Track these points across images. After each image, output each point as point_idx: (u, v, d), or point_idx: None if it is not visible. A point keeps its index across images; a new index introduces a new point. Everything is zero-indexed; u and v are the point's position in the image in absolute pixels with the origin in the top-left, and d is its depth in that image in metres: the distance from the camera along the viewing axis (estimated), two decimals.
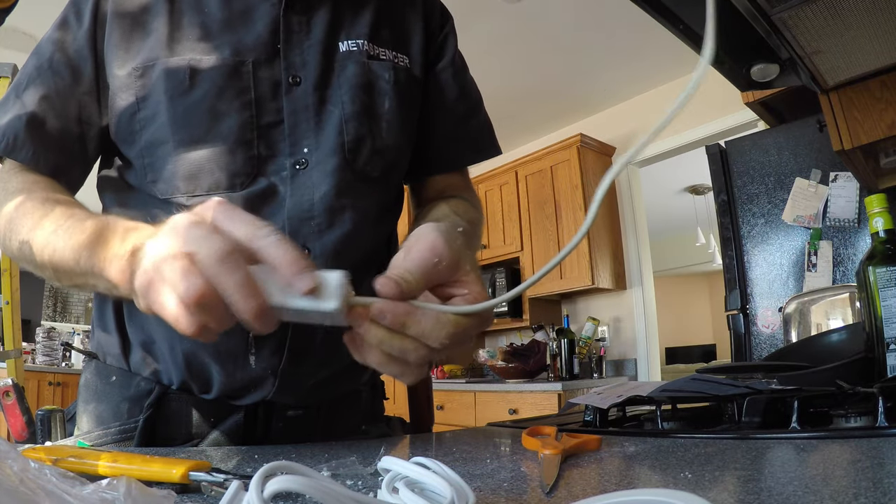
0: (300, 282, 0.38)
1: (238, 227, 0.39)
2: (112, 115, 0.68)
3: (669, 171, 4.78)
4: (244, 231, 0.39)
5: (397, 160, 0.76)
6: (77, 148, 0.68)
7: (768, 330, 1.98)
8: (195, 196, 0.64)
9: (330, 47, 0.70)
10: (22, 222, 0.59)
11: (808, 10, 0.89)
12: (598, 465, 0.48)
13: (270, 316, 0.39)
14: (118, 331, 0.69)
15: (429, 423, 0.95)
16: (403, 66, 0.75)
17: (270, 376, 0.66)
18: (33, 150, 0.64)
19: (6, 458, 0.26)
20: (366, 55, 0.71)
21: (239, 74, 0.65)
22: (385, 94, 0.72)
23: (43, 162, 0.65)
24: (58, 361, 4.56)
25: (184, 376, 0.66)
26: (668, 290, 7.60)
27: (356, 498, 0.28)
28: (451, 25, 0.86)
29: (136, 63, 0.66)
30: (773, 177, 2.03)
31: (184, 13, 0.67)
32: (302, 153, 0.66)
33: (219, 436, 0.66)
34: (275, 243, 0.39)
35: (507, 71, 3.49)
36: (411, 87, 0.77)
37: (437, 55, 0.82)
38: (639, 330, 3.66)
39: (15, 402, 0.73)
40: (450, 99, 0.82)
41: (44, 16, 2.85)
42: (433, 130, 0.82)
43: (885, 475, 0.37)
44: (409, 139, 0.78)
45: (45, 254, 0.55)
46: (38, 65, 0.67)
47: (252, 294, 0.37)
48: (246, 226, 0.39)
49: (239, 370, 0.65)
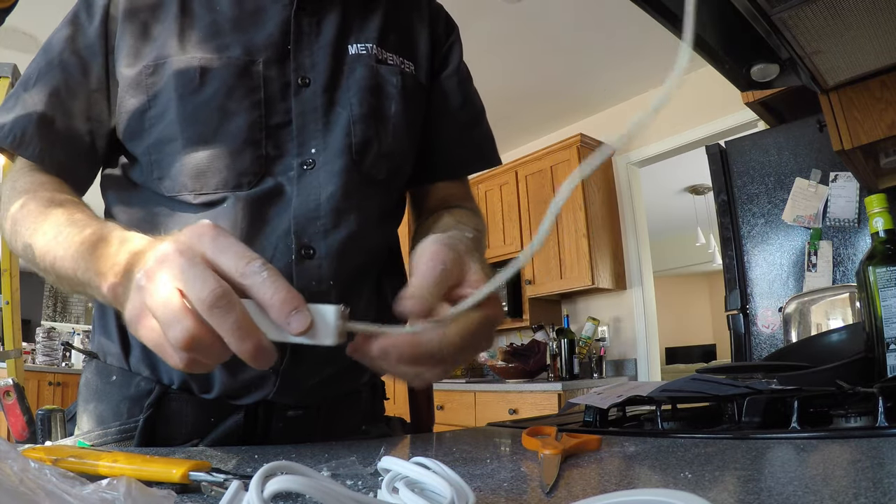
0: (295, 322, 0.37)
1: (229, 260, 0.38)
2: (120, 113, 0.68)
3: (669, 171, 4.78)
4: (235, 265, 0.38)
5: (402, 164, 0.76)
6: (85, 145, 0.68)
7: (768, 330, 1.98)
8: (202, 194, 0.65)
9: (339, 50, 0.70)
10: (25, 224, 0.59)
11: (808, 10, 0.89)
12: (598, 465, 0.48)
13: (269, 351, 0.38)
14: (119, 331, 0.69)
15: (429, 423, 0.95)
16: (410, 72, 0.76)
17: (272, 375, 0.66)
18: (40, 146, 0.64)
19: (6, 458, 0.26)
20: (374, 59, 0.72)
21: (249, 74, 0.66)
22: (392, 98, 0.73)
23: (49, 159, 0.65)
24: (58, 361, 4.56)
25: (184, 376, 0.66)
26: (668, 290, 7.60)
27: (356, 498, 0.28)
28: (457, 35, 0.87)
29: (146, 61, 0.66)
30: (773, 177, 2.03)
31: (195, 12, 0.67)
32: (310, 153, 0.67)
33: (219, 436, 0.66)
34: (267, 281, 0.38)
35: (507, 71, 3.49)
36: (417, 93, 0.78)
37: (443, 63, 0.83)
38: (639, 330, 3.66)
39: (15, 402, 0.73)
40: (454, 106, 0.83)
41: (44, 16, 2.85)
42: (437, 137, 0.82)
43: (885, 475, 0.37)
44: (413, 144, 0.78)
45: (47, 260, 0.55)
46: (47, 60, 0.67)
47: (248, 335, 0.37)
48: (237, 259, 0.38)
49: (241, 370, 0.65)
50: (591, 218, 3.57)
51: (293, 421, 0.70)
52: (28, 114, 0.64)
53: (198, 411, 0.67)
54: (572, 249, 3.60)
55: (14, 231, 0.60)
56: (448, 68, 0.83)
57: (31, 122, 0.64)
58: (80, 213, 0.57)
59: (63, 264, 0.53)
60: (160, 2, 0.67)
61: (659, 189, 5.53)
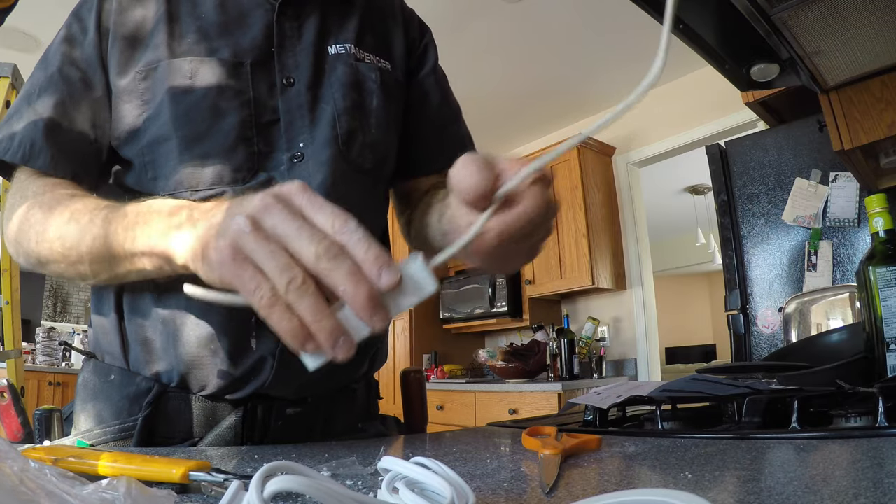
0: (385, 276, 0.36)
1: (325, 217, 0.38)
2: (115, 119, 0.69)
3: (669, 171, 4.77)
4: (331, 223, 0.38)
5: (387, 154, 0.80)
6: (92, 153, 0.69)
7: (768, 330, 1.98)
8: (199, 191, 0.66)
9: (320, 51, 0.74)
10: (44, 223, 0.59)
11: (808, 10, 0.89)
12: (598, 465, 0.48)
13: (382, 304, 0.37)
14: (117, 330, 0.69)
15: (422, 423, 0.95)
16: (387, 69, 0.80)
17: (269, 358, 0.67)
18: (51, 155, 0.65)
19: (6, 458, 0.26)
20: (353, 58, 0.76)
21: (238, 75, 0.68)
22: (373, 93, 0.76)
23: (61, 168, 0.66)
24: (58, 361, 4.56)
25: (183, 371, 0.66)
26: (668, 290, 7.60)
27: (356, 498, 0.28)
28: (430, 37, 0.91)
29: (138, 67, 0.68)
30: (773, 177, 2.03)
31: (181, 20, 0.70)
32: (298, 147, 0.70)
33: (218, 435, 0.66)
34: (361, 239, 0.37)
35: (507, 71, 3.49)
36: (395, 89, 0.81)
37: (419, 64, 0.88)
38: (639, 330, 3.66)
39: (10, 403, 0.73)
40: (434, 103, 0.87)
41: (44, 16, 2.85)
42: (419, 132, 0.85)
43: (885, 475, 0.37)
44: (396, 137, 0.82)
45: (83, 245, 0.55)
46: (48, 75, 0.68)
47: (363, 279, 0.36)
48: (333, 217, 0.38)
49: (241, 354, 0.66)
50: (591, 218, 3.57)
51: (292, 419, 0.70)
52: (35, 126, 0.65)
53: (196, 410, 0.67)
54: (572, 249, 3.60)
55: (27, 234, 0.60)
56: (425, 68, 0.88)
57: (38, 133, 0.65)
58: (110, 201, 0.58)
59: (105, 241, 0.53)
60: (147, 12, 0.69)
61: (659, 189, 5.53)
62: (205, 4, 0.71)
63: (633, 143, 3.84)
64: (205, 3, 0.71)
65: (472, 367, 4.25)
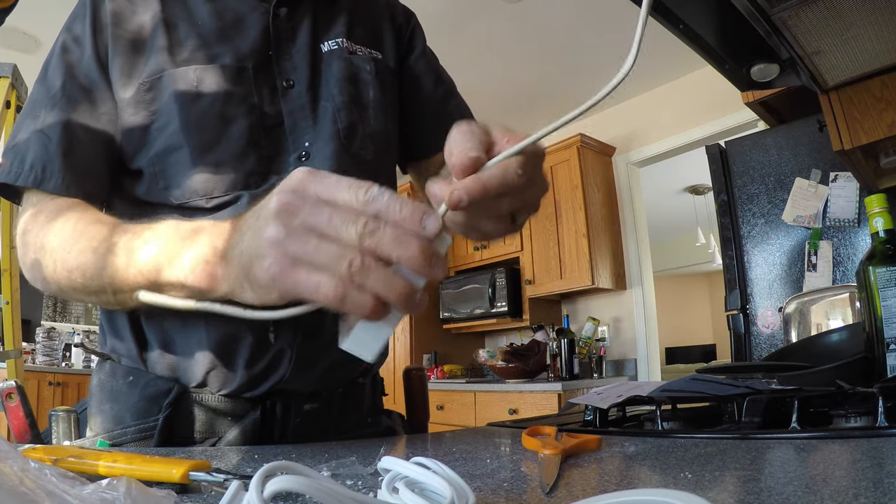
0: (429, 223, 0.37)
1: (347, 193, 0.37)
2: (121, 132, 0.69)
3: (669, 171, 4.77)
4: (355, 196, 0.37)
5: (387, 144, 0.81)
6: (103, 170, 0.69)
7: (768, 330, 1.98)
8: (213, 198, 0.66)
9: (315, 50, 0.75)
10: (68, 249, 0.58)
11: (808, 10, 0.89)
12: (598, 465, 0.48)
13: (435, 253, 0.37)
14: (133, 333, 0.69)
15: (424, 420, 0.96)
16: (380, 58, 0.82)
17: (288, 350, 0.68)
18: (62, 177, 0.64)
19: (6, 458, 0.26)
20: (346, 52, 0.77)
21: (241, 80, 0.69)
22: (369, 84, 0.78)
23: (73, 189, 0.65)
24: (58, 361, 4.55)
25: (205, 371, 0.66)
26: (668, 290, 7.60)
27: (356, 498, 0.28)
28: (416, 21, 0.93)
29: (142, 79, 0.67)
30: (773, 177, 2.03)
31: (179, 28, 0.70)
32: (304, 147, 0.71)
33: (237, 434, 0.66)
34: (391, 200, 0.37)
35: (506, 71, 3.49)
36: (389, 77, 0.83)
37: (409, 48, 0.90)
38: (639, 330, 3.66)
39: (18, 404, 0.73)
40: (429, 84, 0.89)
41: (44, 16, 2.86)
42: (420, 114, 0.87)
43: (885, 475, 0.37)
44: (394, 124, 0.84)
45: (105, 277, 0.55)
46: (50, 94, 0.67)
47: (409, 239, 0.36)
48: (354, 190, 0.37)
49: (261, 349, 0.67)
50: (591, 218, 3.57)
51: (309, 415, 0.71)
52: (45, 149, 0.64)
53: (216, 409, 0.67)
54: (572, 249, 3.60)
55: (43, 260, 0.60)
56: (415, 52, 0.90)
57: (49, 155, 0.64)
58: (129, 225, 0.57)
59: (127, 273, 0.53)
60: (142, 21, 0.69)
61: (659, 189, 5.53)
62: (200, 11, 0.71)
63: (633, 143, 3.84)
64: (200, 10, 0.71)
65: (472, 367, 4.25)
